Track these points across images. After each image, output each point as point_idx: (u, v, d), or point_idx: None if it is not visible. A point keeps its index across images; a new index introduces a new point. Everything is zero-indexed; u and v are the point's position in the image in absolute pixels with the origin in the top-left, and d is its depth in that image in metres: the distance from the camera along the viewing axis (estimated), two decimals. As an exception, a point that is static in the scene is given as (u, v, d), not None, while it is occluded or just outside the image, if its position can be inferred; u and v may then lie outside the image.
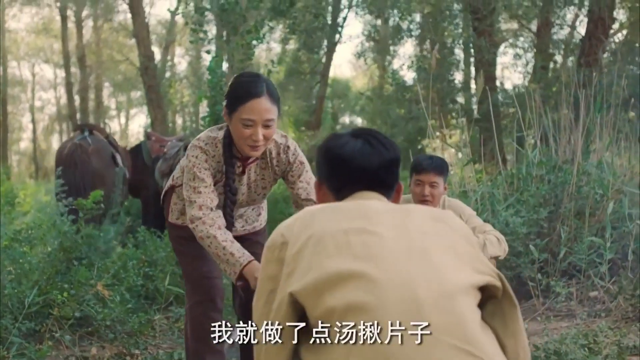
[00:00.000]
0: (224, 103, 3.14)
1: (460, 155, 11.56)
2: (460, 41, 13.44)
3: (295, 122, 26.26)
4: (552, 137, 6.93)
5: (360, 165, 1.97)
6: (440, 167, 4.44)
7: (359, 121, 30.98)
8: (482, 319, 1.76)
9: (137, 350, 4.41)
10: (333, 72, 39.06)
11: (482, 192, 6.05)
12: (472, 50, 13.71)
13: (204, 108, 12.26)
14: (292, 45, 15.14)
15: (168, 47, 25.51)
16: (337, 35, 15.03)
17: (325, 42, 13.70)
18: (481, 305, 1.79)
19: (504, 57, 19.59)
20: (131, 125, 37.63)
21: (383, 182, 2.01)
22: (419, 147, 18.55)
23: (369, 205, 1.88)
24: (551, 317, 5.14)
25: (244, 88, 3.04)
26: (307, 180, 3.28)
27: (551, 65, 13.70)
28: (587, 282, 5.45)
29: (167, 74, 26.42)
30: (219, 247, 2.98)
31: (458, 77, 17.25)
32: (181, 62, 30.41)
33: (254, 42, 9.53)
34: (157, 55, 28.67)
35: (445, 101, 11.48)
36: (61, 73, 30.42)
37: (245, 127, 2.99)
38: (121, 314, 4.66)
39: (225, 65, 9.73)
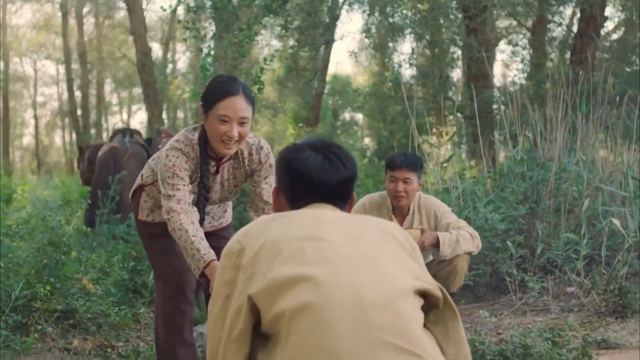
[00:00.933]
0: (200, 103, 3.26)
1: (456, 150, 11.65)
2: (458, 38, 13.50)
3: (295, 119, 26.36)
4: (539, 135, 7.02)
5: (318, 182, 2.05)
6: (413, 164, 4.57)
7: (358, 117, 31.07)
8: (424, 327, 1.83)
9: (119, 342, 4.51)
10: (334, 69, 39.22)
11: (464, 189, 6.14)
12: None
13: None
14: (291, 42, 15.18)
15: (168, 43, 25.58)
16: (334, 32, 15.08)
17: (322, 39, 13.72)
18: (424, 313, 1.86)
19: (502, 54, 19.63)
20: (132, 121, 37.69)
21: (339, 196, 2.09)
22: (416, 144, 18.63)
23: (322, 214, 1.97)
24: (527, 312, 5.25)
25: (221, 87, 3.18)
26: (271, 183, 3.39)
27: (548, 63, 13.76)
28: (563, 278, 5.55)
29: (168, 70, 26.57)
30: (188, 241, 3.09)
31: (457, 74, 17.34)
32: (182, 58, 30.49)
33: (247, 40, 9.61)
34: (159, 52, 28.84)
35: (437, 98, 11.54)
36: (63, 69, 30.49)
37: (221, 124, 3.11)
38: (103, 307, 4.76)
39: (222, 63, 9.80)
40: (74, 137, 25.25)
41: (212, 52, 9.61)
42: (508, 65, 15.59)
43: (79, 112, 25.75)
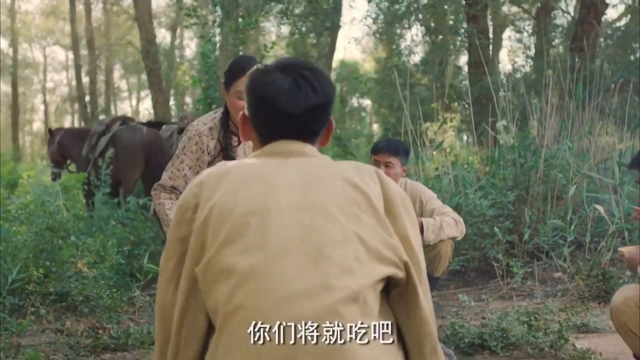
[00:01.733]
0: (222, 80, 3.56)
1: (454, 137, 11.71)
2: (460, 25, 13.52)
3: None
4: (537, 122, 7.08)
5: (283, 110, 1.77)
6: (395, 148, 4.65)
7: (367, 103, 31.09)
8: (386, 305, 1.73)
9: (111, 324, 4.63)
10: (342, 55, 39.12)
11: (456, 175, 6.22)
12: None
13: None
14: (293, 29, 15.22)
15: (175, 29, 25.65)
16: (339, 19, 15.12)
17: (324, 26, 13.75)
18: (391, 286, 1.74)
19: (509, 41, 19.60)
20: (141, 106, 37.87)
21: (308, 128, 1.82)
22: (419, 130, 18.67)
23: (278, 173, 1.75)
24: (513, 297, 5.34)
25: (239, 65, 3.42)
26: None
27: (552, 51, 13.76)
28: (551, 264, 5.64)
29: (176, 57, 26.66)
30: (163, 213, 3.48)
31: (463, 60, 17.37)
32: (190, 44, 30.59)
33: (248, 27, 9.70)
34: (167, 38, 28.93)
35: (436, 85, 11.57)
36: (72, 55, 30.60)
37: (239, 99, 3.33)
38: (96, 290, 4.88)
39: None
40: (83, 124, 25.35)
41: (213, 39, 9.71)
42: (509, 52, 15.57)
43: (87, 98, 25.85)
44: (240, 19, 9.60)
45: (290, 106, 1.76)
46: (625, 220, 5.49)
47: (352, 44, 33.65)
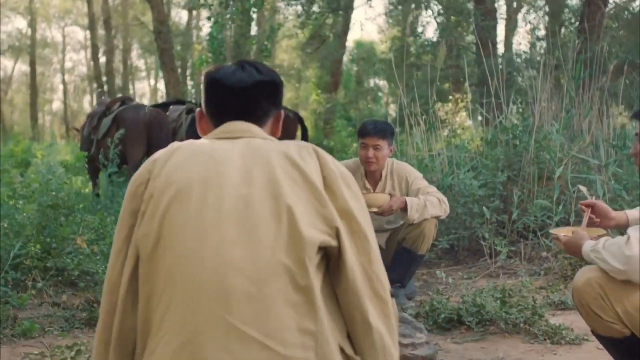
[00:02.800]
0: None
1: (461, 117, 11.79)
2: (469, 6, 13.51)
3: (318, 85, 26.52)
4: (538, 103, 7.16)
5: (231, 85, 1.95)
6: (383, 131, 4.79)
7: (383, 84, 31.08)
8: (328, 281, 1.81)
9: (106, 298, 4.78)
10: (359, 36, 39.02)
11: (450, 156, 6.33)
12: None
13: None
14: (301, 10, 15.26)
15: (191, 10, 25.74)
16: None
17: (333, 6, 13.80)
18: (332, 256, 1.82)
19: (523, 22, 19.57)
20: (160, 86, 38.07)
21: (255, 106, 1.98)
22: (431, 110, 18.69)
23: (222, 150, 1.87)
24: (500, 275, 5.46)
25: None
26: None
27: (563, 31, 13.74)
28: (539, 243, 5.74)
29: (193, 37, 26.74)
30: None
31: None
32: (206, 24, 30.64)
33: (254, 7, 9.80)
34: (184, 18, 29.01)
35: (440, 66, 11.62)
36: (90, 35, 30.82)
37: None
38: (92, 265, 5.04)
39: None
40: (99, 103, 25.57)
41: (220, 20, 9.81)
42: (526, 33, 15.53)
43: (103, 78, 26.07)
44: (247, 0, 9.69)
45: (236, 82, 1.95)
46: (610, 200, 5.57)
47: (369, 24, 33.59)
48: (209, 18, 10.14)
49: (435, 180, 6.08)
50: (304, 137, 10.12)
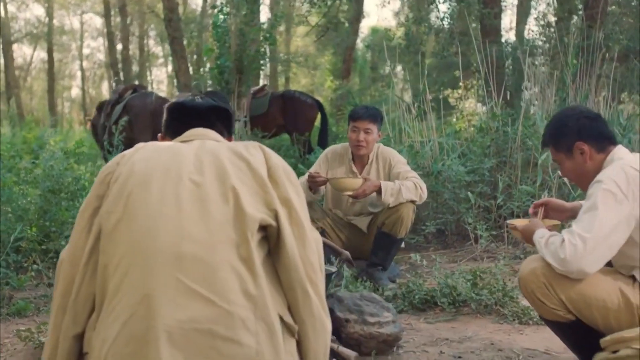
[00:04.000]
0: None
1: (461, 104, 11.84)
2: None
3: (332, 72, 26.63)
4: (529, 90, 7.27)
5: (191, 107, 2.36)
6: (374, 115, 4.98)
7: (397, 70, 31.09)
8: (268, 260, 2.06)
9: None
10: (374, 22, 38.96)
11: (440, 142, 6.47)
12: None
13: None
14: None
15: (206, -3, 25.90)
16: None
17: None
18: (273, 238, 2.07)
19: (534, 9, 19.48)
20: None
21: (211, 125, 2.34)
22: (442, 96, 18.75)
23: (179, 147, 2.17)
24: (484, 259, 5.60)
25: None
26: None
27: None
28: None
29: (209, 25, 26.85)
30: None
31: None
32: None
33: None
34: (199, 5, 29.13)
35: (443, 53, 11.73)
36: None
37: None
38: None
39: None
40: (116, 90, 25.81)
41: (225, 9, 9.95)
42: (526, 20, 15.54)
43: (119, 65, 26.31)
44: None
45: (196, 104, 2.37)
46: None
47: (385, 10, 33.59)
48: (213, 7, 10.27)
49: (426, 166, 6.22)
50: (324, 123, 10.21)
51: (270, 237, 2.05)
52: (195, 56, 22.64)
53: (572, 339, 3.01)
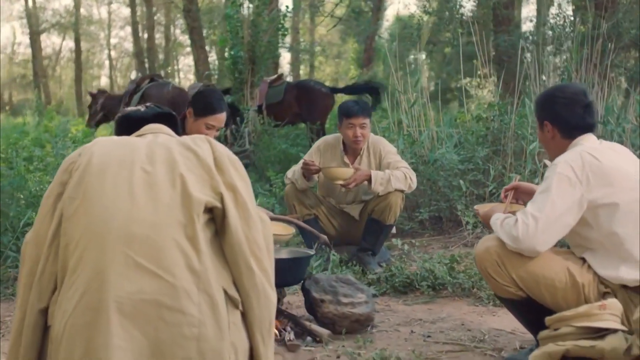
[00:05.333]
0: (191, 108, 4.26)
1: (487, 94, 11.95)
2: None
3: (357, 60, 26.72)
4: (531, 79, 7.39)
5: (138, 118, 2.64)
6: (367, 109, 5.18)
7: (421, 58, 31.06)
8: (216, 241, 2.27)
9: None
10: (398, 10, 38.90)
11: (437, 132, 6.63)
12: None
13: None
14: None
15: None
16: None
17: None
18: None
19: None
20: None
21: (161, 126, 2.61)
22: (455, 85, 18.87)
23: (135, 143, 2.39)
24: (475, 244, 5.74)
25: (212, 106, 4.21)
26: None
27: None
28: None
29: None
30: None
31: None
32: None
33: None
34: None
35: (454, 43, 11.81)
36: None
37: (207, 129, 4.19)
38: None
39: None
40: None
41: (238, 1, 10.11)
42: (548, 8, 15.49)
43: (144, 54, 26.63)
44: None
45: (142, 114, 2.66)
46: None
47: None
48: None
49: (423, 155, 6.39)
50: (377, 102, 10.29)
51: (217, 218, 2.26)
52: (214, 46, 22.84)
53: (524, 315, 3.18)
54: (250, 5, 10.25)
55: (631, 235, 2.88)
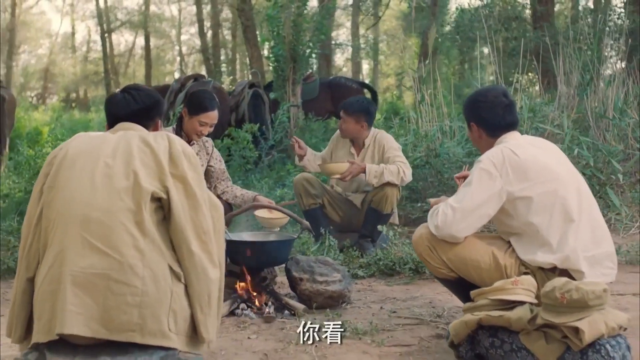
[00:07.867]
0: (185, 106, 4.81)
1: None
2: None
3: (420, 54, 26.88)
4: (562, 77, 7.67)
5: (113, 114, 3.03)
6: (366, 107, 5.62)
7: (484, 51, 30.94)
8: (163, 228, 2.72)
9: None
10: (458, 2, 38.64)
11: (444, 126, 6.99)
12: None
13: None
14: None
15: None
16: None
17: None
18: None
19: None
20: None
21: (136, 120, 3.00)
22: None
23: (106, 139, 2.83)
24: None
25: (204, 105, 4.71)
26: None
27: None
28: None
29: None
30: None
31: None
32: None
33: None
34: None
35: (494, 39, 11.99)
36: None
37: (200, 125, 4.71)
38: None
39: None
40: (207, 76, 26.85)
41: (279, 1, 10.56)
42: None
43: (210, 51, 27.35)
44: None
45: (116, 110, 3.03)
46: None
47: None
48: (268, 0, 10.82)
49: (432, 149, 6.76)
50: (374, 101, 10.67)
51: (164, 207, 2.74)
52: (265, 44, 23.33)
53: (459, 292, 3.60)
54: (292, 6, 10.67)
55: (546, 224, 3.24)
